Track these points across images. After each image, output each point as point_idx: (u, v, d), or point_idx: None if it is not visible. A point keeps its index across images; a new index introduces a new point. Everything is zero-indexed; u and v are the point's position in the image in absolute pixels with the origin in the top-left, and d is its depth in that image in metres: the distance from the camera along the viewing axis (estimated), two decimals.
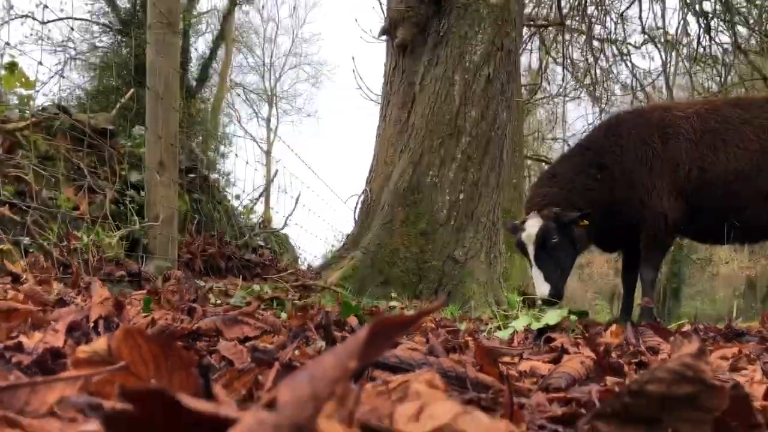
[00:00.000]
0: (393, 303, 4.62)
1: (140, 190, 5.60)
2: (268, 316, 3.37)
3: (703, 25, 11.52)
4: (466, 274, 7.78)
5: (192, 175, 7.19)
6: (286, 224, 8.97)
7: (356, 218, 9.08)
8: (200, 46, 34.96)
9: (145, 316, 2.38)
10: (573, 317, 3.70)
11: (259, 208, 10.78)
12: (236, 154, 30.56)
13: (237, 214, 8.76)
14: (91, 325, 2.21)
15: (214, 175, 9.08)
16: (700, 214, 4.06)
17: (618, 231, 4.07)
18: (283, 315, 3.71)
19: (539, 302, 3.96)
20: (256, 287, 6.06)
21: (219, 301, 4.45)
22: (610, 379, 1.41)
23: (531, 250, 3.92)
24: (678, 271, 25.32)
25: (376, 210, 8.41)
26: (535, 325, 3.75)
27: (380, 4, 12.80)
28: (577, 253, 4.10)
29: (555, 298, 3.89)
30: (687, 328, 3.70)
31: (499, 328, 3.90)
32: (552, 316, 3.79)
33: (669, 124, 4.01)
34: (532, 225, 3.95)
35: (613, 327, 3.06)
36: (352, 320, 3.65)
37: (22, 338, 1.57)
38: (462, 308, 7.35)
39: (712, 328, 3.23)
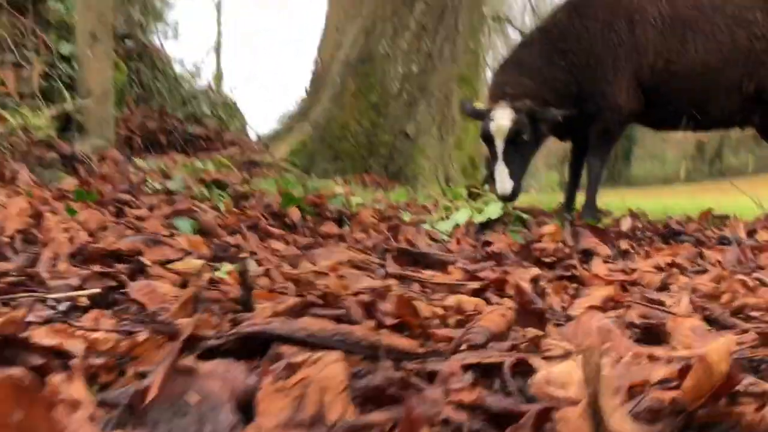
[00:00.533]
0: (338, 189, 4.54)
1: (73, 62, 5.27)
2: (204, 212, 3.27)
3: None
4: (416, 150, 7.72)
5: (130, 43, 6.80)
6: (233, 88, 8.64)
7: (307, 87, 8.82)
8: None
9: (66, 228, 2.26)
10: (515, 217, 3.67)
11: (209, 69, 10.28)
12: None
13: (181, 80, 8.40)
14: (7, 241, 2.10)
15: (157, 41, 8.60)
16: (659, 105, 3.98)
17: (575, 121, 3.99)
18: (221, 206, 3.62)
19: (495, 196, 3.85)
20: (199, 164, 5.91)
21: (158, 186, 4.32)
22: (531, 331, 1.38)
23: (499, 144, 3.73)
24: (629, 133, 25.61)
25: (327, 80, 8.15)
26: (478, 218, 3.73)
27: None
28: (539, 145, 3.99)
29: (515, 196, 3.80)
30: (627, 222, 3.72)
31: (442, 218, 3.86)
32: (494, 210, 3.77)
33: (637, 8, 3.82)
34: (503, 117, 3.73)
35: (552, 228, 3.04)
36: (294, 213, 3.58)
37: None
38: (410, 186, 7.35)
39: (650, 227, 3.25)
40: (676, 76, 3.82)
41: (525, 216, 3.83)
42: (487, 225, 3.68)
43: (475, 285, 1.88)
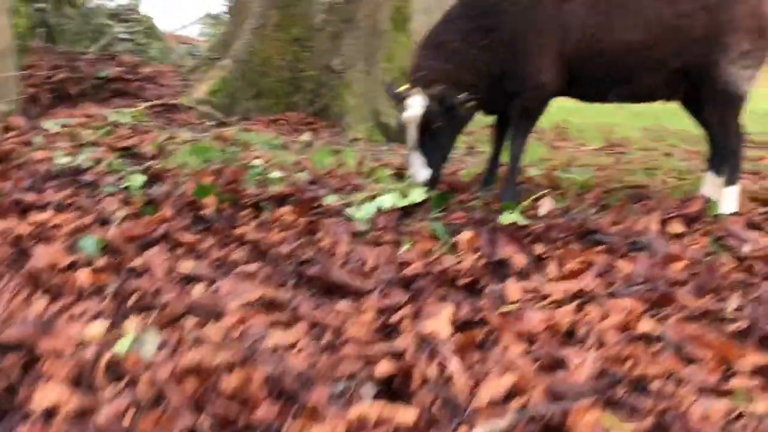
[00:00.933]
0: (255, 162, 4.38)
1: None
2: (112, 215, 3.13)
3: None
4: (343, 86, 7.51)
5: None
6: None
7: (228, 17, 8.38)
8: None
9: None
10: (437, 199, 3.65)
11: None
12: None
13: (93, 9, 7.87)
14: None
15: None
16: (585, 82, 3.94)
17: (500, 98, 3.92)
18: (135, 191, 3.46)
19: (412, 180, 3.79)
20: (114, 117, 5.63)
21: (66, 161, 4.10)
22: None
23: (412, 132, 3.66)
24: None
25: (248, 11, 7.74)
26: (401, 203, 3.68)
27: None
28: (462, 128, 3.92)
29: (433, 184, 3.74)
30: (546, 205, 3.72)
31: (367, 199, 3.78)
32: (418, 193, 3.72)
33: None
34: (415, 105, 3.65)
35: (468, 235, 3.02)
36: (209, 204, 3.46)
37: None
38: (336, 123, 7.20)
39: (565, 225, 3.26)
40: (601, 55, 3.76)
41: (448, 197, 3.81)
42: (410, 211, 3.65)
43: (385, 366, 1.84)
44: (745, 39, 3.72)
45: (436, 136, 3.73)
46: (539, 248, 3.02)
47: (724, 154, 3.94)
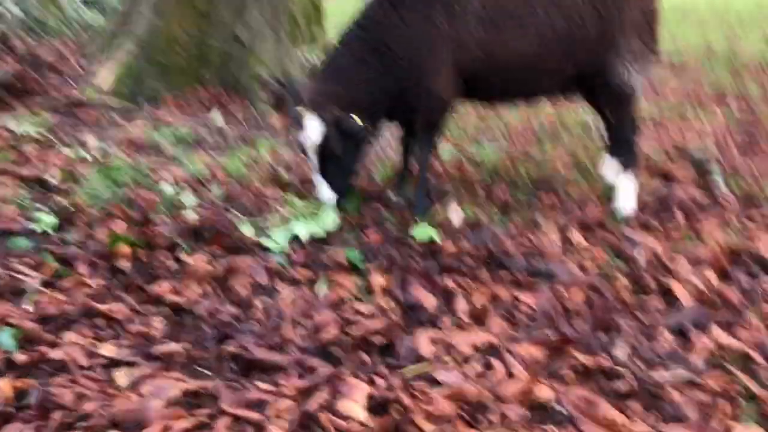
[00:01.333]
0: (166, 188, 4.33)
1: None
2: (27, 286, 3.11)
3: None
4: (251, 57, 7.36)
5: None
6: None
7: None
8: None
9: None
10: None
11: None
12: None
13: None
14: None
15: None
16: (483, 90, 4.00)
17: (403, 111, 3.97)
18: (48, 229, 3.43)
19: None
20: (13, 124, 5.42)
21: None
22: None
23: (312, 157, 3.73)
24: None
25: None
26: (315, 231, 3.75)
27: None
28: (363, 149, 3.95)
29: (339, 204, 3.85)
30: (456, 216, 3.85)
31: (284, 220, 3.84)
32: (329, 219, 3.80)
33: None
34: (310, 129, 3.68)
35: (382, 281, 3.14)
36: (124, 252, 3.46)
37: None
38: (248, 97, 7.09)
39: (473, 252, 3.40)
40: (497, 67, 3.83)
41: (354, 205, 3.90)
42: (325, 240, 3.73)
43: None
44: (634, 39, 3.85)
45: (334, 160, 3.80)
46: (449, 281, 3.17)
47: (621, 145, 4.12)
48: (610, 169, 4.40)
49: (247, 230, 3.80)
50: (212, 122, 6.43)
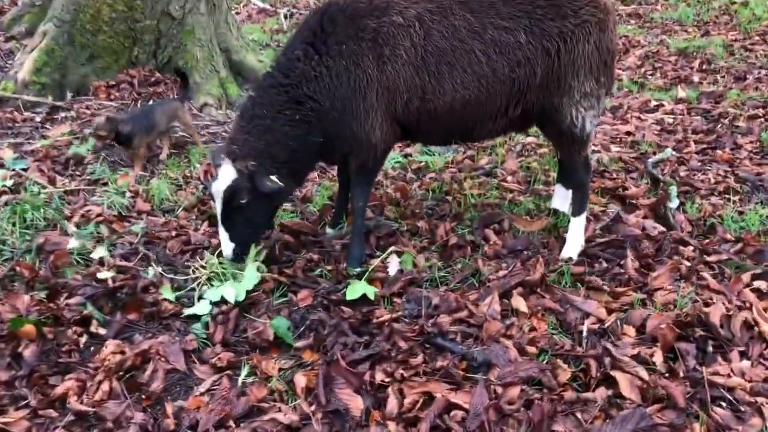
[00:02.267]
0: (73, 240, 3.96)
1: None
2: None
3: None
4: (185, 34, 6.83)
5: None
6: None
7: None
8: None
9: None
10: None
11: None
12: None
13: None
14: None
15: None
16: (423, 134, 3.67)
17: (335, 155, 3.65)
18: None
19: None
20: None
21: None
22: None
23: (218, 206, 3.39)
24: None
25: None
26: (238, 292, 3.47)
27: None
28: (279, 202, 3.62)
29: (237, 261, 3.54)
30: (393, 266, 3.59)
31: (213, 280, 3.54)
32: (251, 275, 3.51)
33: (387, 40, 3.27)
34: (222, 178, 3.35)
35: (303, 382, 2.87)
36: (28, 334, 3.16)
37: None
38: (183, 81, 6.62)
39: (408, 332, 3.13)
40: (434, 113, 3.48)
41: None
42: (246, 306, 3.46)
43: None
44: (588, 79, 3.51)
45: (242, 212, 3.46)
46: (380, 373, 2.93)
47: (574, 185, 3.85)
48: (561, 198, 4.15)
49: (167, 293, 3.50)
50: None
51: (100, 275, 3.62)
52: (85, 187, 4.60)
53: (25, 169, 4.78)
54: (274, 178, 3.38)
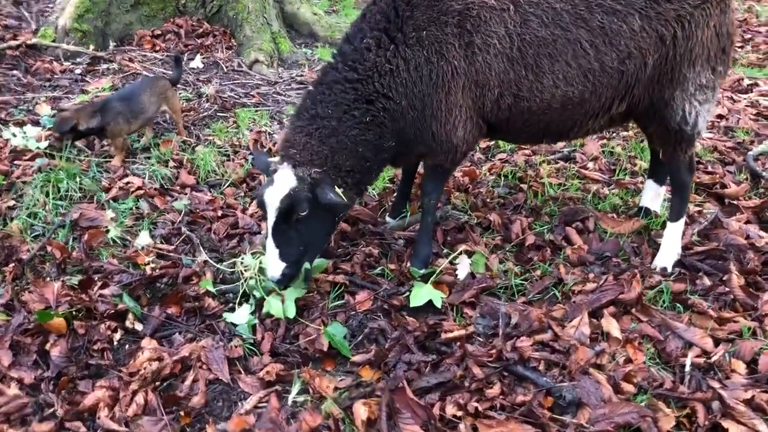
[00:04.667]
0: (112, 228, 3.59)
1: None
2: None
3: None
4: None
5: None
6: None
7: None
8: None
9: None
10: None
11: None
12: None
13: None
14: None
15: None
16: (508, 135, 3.18)
17: (406, 160, 3.21)
18: None
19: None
20: None
21: None
22: None
23: (270, 216, 2.87)
24: None
25: None
26: (277, 311, 3.06)
27: None
28: (340, 218, 3.14)
29: (286, 282, 2.98)
30: (464, 268, 3.17)
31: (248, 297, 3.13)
32: (290, 308, 3.07)
33: (477, 26, 2.76)
34: (279, 185, 2.83)
35: (365, 413, 2.48)
36: (57, 326, 2.83)
37: None
38: (232, 33, 6.18)
39: (482, 355, 2.71)
40: (528, 112, 2.98)
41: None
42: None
43: None
44: (705, 69, 2.99)
45: (300, 228, 2.94)
46: (450, 407, 2.54)
47: (674, 185, 3.34)
48: (652, 195, 3.67)
49: (209, 286, 3.14)
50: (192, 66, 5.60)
51: (138, 257, 3.28)
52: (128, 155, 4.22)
53: None
54: (339, 190, 2.92)
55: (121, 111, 4.06)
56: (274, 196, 2.86)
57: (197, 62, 5.75)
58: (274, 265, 2.94)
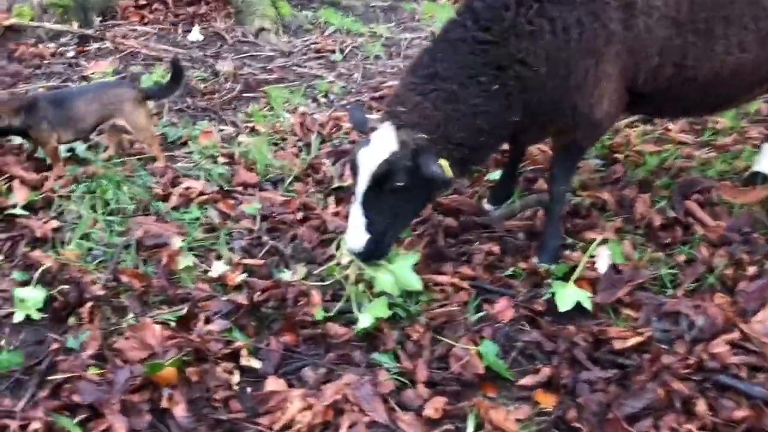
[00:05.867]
0: (184, 254, 3.08)
1: None
2: None
3: None
4: None
5: None
6: None
7: None
8: None
9: None
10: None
11: None
12: None
13: None
14: None
15: None
16: (657, 108, 2.81)
17: (528, 137, 2.81)
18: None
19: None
20: None
21: None
22: None
23: (361, 182, 2.43)
24: None
25: None
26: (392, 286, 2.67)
27: None
28: (436, 195, 2.73)
29: (372, 257, 2.64)
30: (603, 260, 2.85)
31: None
32: (379, 307, 2.69)
33: None
34: (377, 147, 2.40)
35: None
36: (167, 378, 2.36)
37: None
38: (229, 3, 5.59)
39: (674, 364, 2.40)
40: (690, 83, 2.61)
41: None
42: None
43: None
44: None
45: (393, 198, 2.56)
46: None
47: None
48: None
49: (318, 314, 2.70)
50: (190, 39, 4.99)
51: (228, 277, 2.82)
52: (165, 153, 3.67)
53: None
54: (443, 162, 2.51)
55: (47, 115, 3.38)
56: (371, 158, 2.47)
57: (196, 34, 5.15)
58: (358, 235, 2.57)
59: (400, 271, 2.69)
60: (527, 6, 2.46)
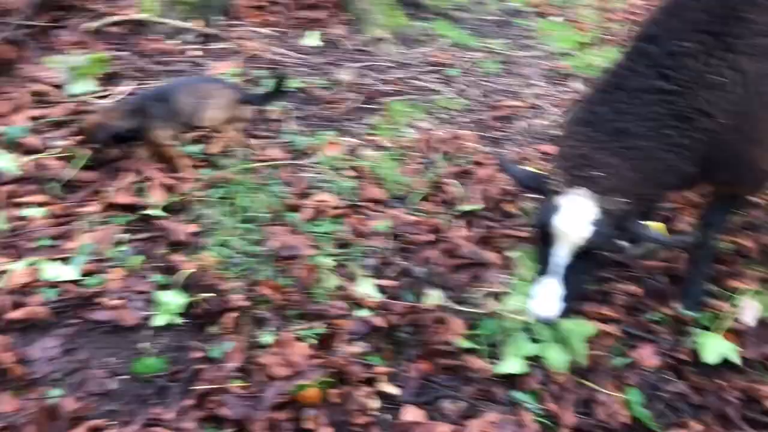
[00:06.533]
0: (322, 262, 3.09)
1: None
2: None
3: None
4: None
5: None
6: None
7: None
8: None
9: None
10: None
11: None
12: None
13: None
14: None
15: None
16: None
17: (695, 185, 2.71)
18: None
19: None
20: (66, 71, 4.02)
21: None
22: None
23: (562, 253, 2.31)
24: None
25: None
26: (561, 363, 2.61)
27: None
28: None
29: (550, 322, 2.55)
30: (751, 312, 2.73)
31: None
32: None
33: None
34: (577, 216, 2.27)
35: None
36: (311, 397, 2.36)
37: None
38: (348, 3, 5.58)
39: None
40: None
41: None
42: None
43: None
44: None
45: (587, 265, 2.44)
46: None
47: None
48: None
49: (463, 343, 2.66)
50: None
51: (366, 300, 2.81)
52: (293, 161, 3.68)
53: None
54: (660, 225, 2.43)
55: (158, 113, 3.36)
56: (572, 229, 2.34)
57: (315, 39, 5.15)
58: (553, 302, 2.42)
59: (573, 343, 2.64)
60: (718, 57, 2.34)
